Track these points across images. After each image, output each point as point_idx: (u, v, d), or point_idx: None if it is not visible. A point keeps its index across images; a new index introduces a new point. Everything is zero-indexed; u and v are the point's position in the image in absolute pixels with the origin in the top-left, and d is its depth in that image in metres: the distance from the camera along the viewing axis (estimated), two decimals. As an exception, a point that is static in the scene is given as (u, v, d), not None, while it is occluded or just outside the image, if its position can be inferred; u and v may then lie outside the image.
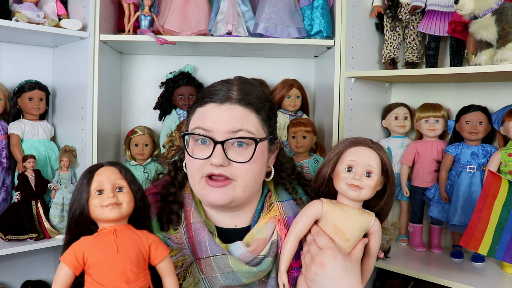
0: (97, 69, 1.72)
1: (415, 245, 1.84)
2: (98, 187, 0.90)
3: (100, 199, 0.89)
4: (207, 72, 2.09)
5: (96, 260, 0.86)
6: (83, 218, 0.90)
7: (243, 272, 1.01)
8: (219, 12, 1.78)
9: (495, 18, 1.44)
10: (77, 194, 0.91)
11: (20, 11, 1.59)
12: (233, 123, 1.00)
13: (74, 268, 0.86)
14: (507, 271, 1.60)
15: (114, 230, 0.89)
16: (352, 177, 0.98)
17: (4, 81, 1.80)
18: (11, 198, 1.76)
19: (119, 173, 0.93)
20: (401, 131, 1.92)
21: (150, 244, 0.91)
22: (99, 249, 0.87)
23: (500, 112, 1.70)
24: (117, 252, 0.87)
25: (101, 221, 0.91)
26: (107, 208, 0.88)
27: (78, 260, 0.86)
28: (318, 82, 2.06)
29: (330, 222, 1.00)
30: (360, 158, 0.99)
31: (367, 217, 1.01)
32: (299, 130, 1.78)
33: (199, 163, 1.01)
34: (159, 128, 2.01)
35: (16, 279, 1.91)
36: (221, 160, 0.98)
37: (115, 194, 0.90)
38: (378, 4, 1.88)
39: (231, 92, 1.04)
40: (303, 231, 1.02)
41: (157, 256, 0.92)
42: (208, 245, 1.02)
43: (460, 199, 1.68)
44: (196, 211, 1.08)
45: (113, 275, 0.86)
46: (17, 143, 1.75)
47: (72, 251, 0.87)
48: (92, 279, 0.86)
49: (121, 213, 0.90)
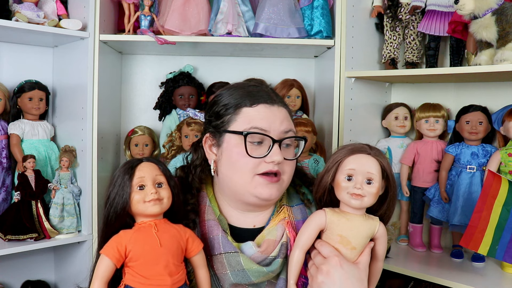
0: (97, 69, 1.72)
1: (415, 245, 1.84)
2: (140, 183, 0.93)
3: (142, 194, 0.92)
4: (207, 72, 2.09)
5: (140, 254, 0.89)
6: (124, 212, 0.93)
7: (253, 271, 1.02)
8: (219, 12, 1.78)
9: (495, 18, 1.44)
10: (119, 189, 0.93)
11: (20, 11, 1.59)
12: (286, 123, 1.06)
13: (116, 261, 0.89)
14: (507, 271, 1.60)
15: (154, 225, 0.92)
16: (353, 186, 0.97)
17: (4, 81, 1.80)
18: (11, 198, 1.76)
19: (158, 169, 0.96)
20: (401, 131, 1.92)
21: (188, 238, 0.96)
22: (143, 243, 0.90)
23: (500, 112, 1.70)
24: (160, 246, 0.90)
25: (142, 215, 0.93)
26: (150, 203, 0.92)
27: (121, 253, 0.89)
28: (318, 82, 2.06)
29: (335, 232, 0.99)
30: (360, 166, 0.98)
31: (371, 223, 1.00)
32: (299, 130, 1.78)
33: (254, 162, 1.02)
34: (159, 128, 2.01)
35: (16, 279, 1.91)
36: (281, 157, 1.02)
37: (157, 190, 0.93)
38: (378, 4, 1.88)
39: (272, 95, 1.09)
40: (308, 243, 1.01)
41: (193, 249, 0.97)
42: (221, 242, 1.04)
43: (460, 199, 1.68)
44: (211, 208, 1.10)
45: (157, 268, 0.89)
46: (17, 143, 1.75)
47: (114, 244, 0.90)
48: (134, 272, 0.89)
49: (162, 209, 0.94)
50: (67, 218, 1.72)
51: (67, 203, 1.72)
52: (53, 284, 2.00)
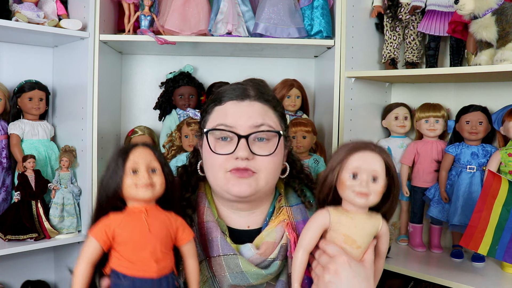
0: (97, 69, 1.72)
1: (415, 245, 1.84)
2: (133, 167, 0.91)
3: (134, 178, 0.91)
4: (207, 72, 2.09)
5: (128, 238, 0.88)
6: (116, 196, 0.92)
7: (252, 273, 1.01)
8: (219, 12, 1.78)
9: (495, 18, 1.44)
10: (112, 172, 0.92)
11: (20, 11, 1.59)
12: (255, 118, 1.04)
13: (104, 243, 0.88)
14: (507, 271, 1.60)
15: (145, 210, 0.91)
16: (358, 184, 0.95)
17: (4, 81, 1.80)
18: (11, 198, 1.76)
19: (153, 155, 0.95)
20: (401, 131, 1.92)
21: (178, 226, 0.94)
22: (132, 228, 0.89)
23: (500, 112, 1.70)
24: (149, 232, 0.89)
25: (133, 200, 0.92)
26: (142, 188, 0.90)
27: (108, 236, 0.88)
28: (318, 82, 2.06)
29: (340, 231, 0.97)
30: (365, 164, 0.96)
31: (375, 221, 0.99)
32: (299, 130, 1.78)
33: (222, 159, 1.02)
34: (159, 128, 2.01)
35: (16, 279, 1.91)
36: (247, 153, 1.00)
37: (150, 175, 0.92)
38: (378, 4, 1.88)
39: (248, 91, 1.08)
40: (312, 244, 0.99)
41: (183, 238, 0.94)
42: (220, 244, 1.04)
43: (460, 199, 1.68)
44: (209, 210, 1.10)
45: (143, 253, 0.87)
46: (17, 143, 1.75)
47: (102, 226, 0.89)
48: (120, 256, 0.88)
49: (154, 194, 0.92)
50: (67, 218, 1.72)
51: (67, 203, 1.72)
52: (53, 284, 2.00)
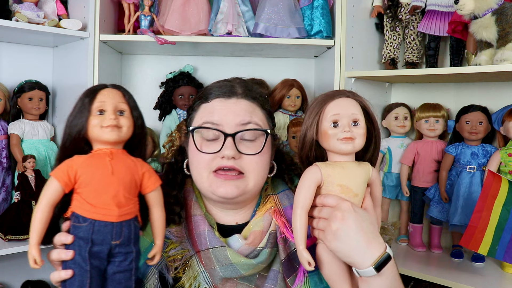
0: (97, 69, 1.71)
1: (415, 245, 1.84)
2: (100, 107, 0.88)
3: (100, 119, 0.87)
4: (207, 72, 2.08)
5: (89, 180, 0.85)
6: (80, 136, 0.89)
7: (242, 264, 1.00)
8: (219, 12, 1.78)
9: (495, 18, 1.44)
10: (77, 112, 0.89)
11: (20, 11, 1.59)
12: (242, 116, 1.02)
13: (65, 185, 0.84)
14: (507, 271, 1.60)
15: (110, 153, 0.88)
16: (341, 131, 0.94)
17: (4, 81, 1.80)
18: (11, 198, 1.76)
19: (122, 97, 0.91)
20: (401, 131, 1.92)
21: (144, 172, 0.91)
22: (94, 169, 0.85)
23: (500, 112, 1.70)
24: (111, 174, 0.85)
25: (98, 142, 0.89)
26: (107, 129, 0.87)
27: (70, 177, 0.84)
28: (318, 82, 2.06)
29: (334, 183, 0.95)
30: (343, 110, 0.95)
31: (364, 167, 0.98)
32: (299, 130, 1.78)
33: (207, 158, 1.00)
34: (159, 128, 2.01)
35: (16, 279, 1.91)
36: (233, 152, 0.98)
37: (117, 116, 0.89)
38: (378, 4, 1.88)
39: (236, 88, 1.06)
40: (308, 202, 0.96)
41: (149, 185, 0.91)
42: (207, 237, 1.02)
43: (460, 199, 1.68)
44: (197, 204, 1.08)
45: (105, 197, 0.84)
46: (17, 143, 1.75)
47: (64, 167, 0.85)
48: (81, 198, 0.85)
49: (120, 137, 0.89)
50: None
51: (67, 203, 1.72)
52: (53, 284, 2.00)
